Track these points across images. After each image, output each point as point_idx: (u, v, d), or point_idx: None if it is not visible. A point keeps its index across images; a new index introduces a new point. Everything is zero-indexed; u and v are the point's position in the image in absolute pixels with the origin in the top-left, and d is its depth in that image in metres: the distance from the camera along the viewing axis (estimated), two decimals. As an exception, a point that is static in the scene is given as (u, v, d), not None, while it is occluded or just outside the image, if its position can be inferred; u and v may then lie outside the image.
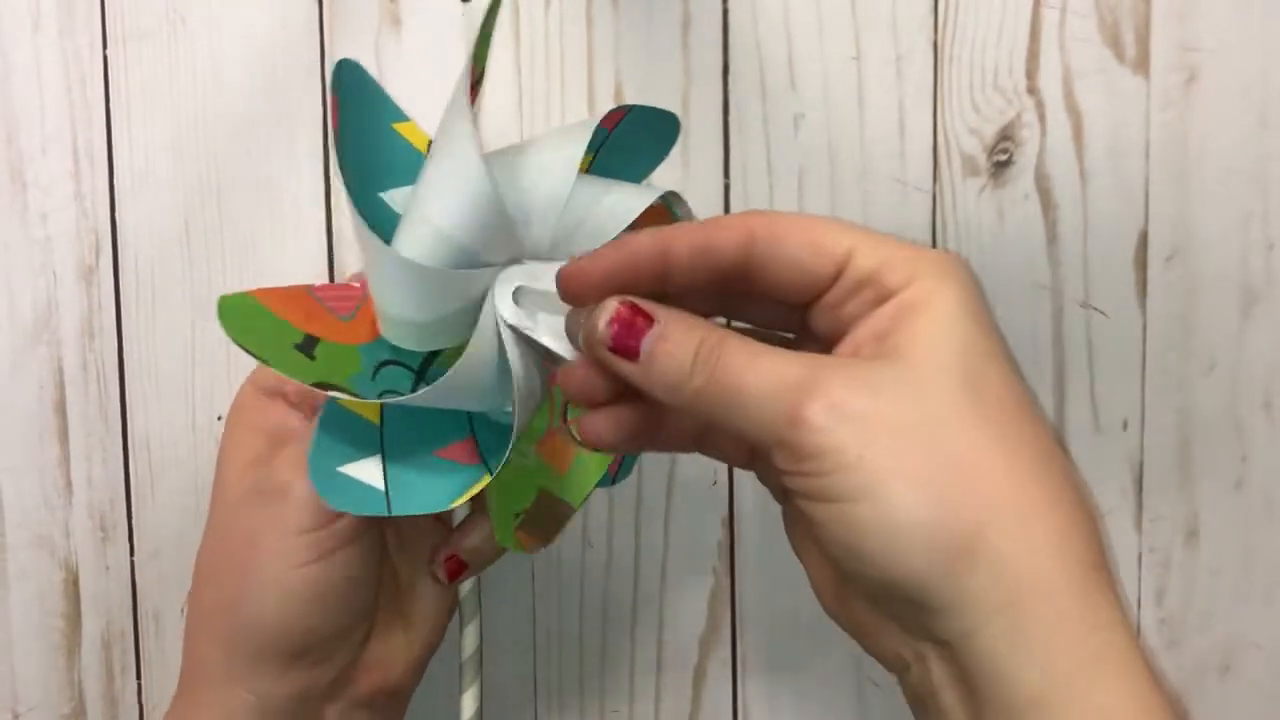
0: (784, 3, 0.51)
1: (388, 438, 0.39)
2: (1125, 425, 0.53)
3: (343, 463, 0.38)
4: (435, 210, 0.36)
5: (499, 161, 0.38)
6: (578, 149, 0.38)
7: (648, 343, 0.32)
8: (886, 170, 0.52)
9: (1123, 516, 0.53)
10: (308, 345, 0.37)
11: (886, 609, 0.32)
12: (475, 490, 0.37)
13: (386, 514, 0.37)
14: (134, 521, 0.54)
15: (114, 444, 0.53)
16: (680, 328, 0.32)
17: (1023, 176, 0.52)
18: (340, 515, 0.40)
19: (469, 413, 0.40)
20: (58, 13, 0.52)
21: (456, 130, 0.36)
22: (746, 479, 0.47)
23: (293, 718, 0.41)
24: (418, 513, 0.37)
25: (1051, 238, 0.52)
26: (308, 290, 0.39)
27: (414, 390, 0.38)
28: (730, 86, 0.52)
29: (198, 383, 0.53)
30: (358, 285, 0.39)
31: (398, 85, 0.51)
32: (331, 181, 0.52)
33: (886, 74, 0.51)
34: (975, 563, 0.29)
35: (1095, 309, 0.53)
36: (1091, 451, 0.53)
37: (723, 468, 0.53)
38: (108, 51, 0.52)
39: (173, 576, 0.54)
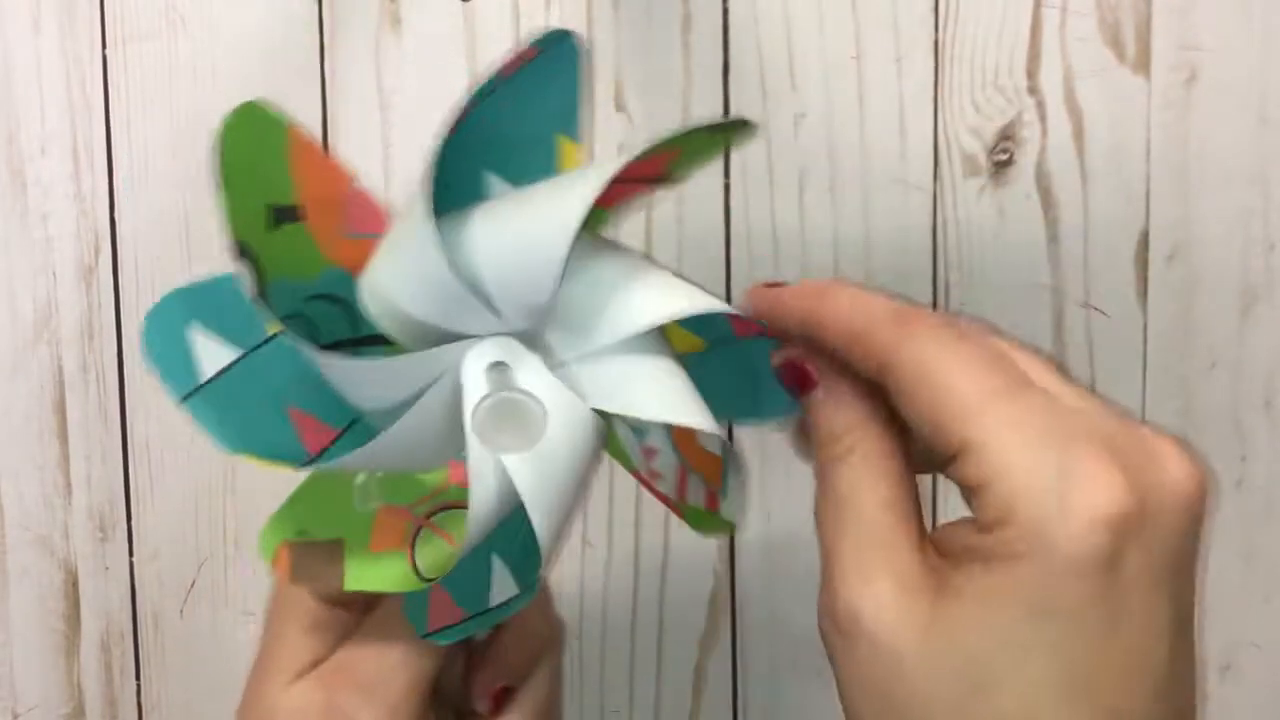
0: (784, 2, 0.51)
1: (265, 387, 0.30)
2: (1125, 425, 0.53)
3: (191, 322, 0.30)
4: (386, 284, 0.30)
5: (482, 224, 0.31)
6: (573, 216, 0.29)
7: (808, 400, 0.31)
8: (887, 170, 0.52)
9: (1123, 516, 0.53)
10: (286, 215, 0.29)
11: None
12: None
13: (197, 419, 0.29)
14: (134, 522, 0.54)
15: (114, 444, 0.53)
16: (829, 411, 0.31)
17: (1023, 176, 0.52)
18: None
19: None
20: (58, 14, 0.52)
21: (413, 207, 0.29)
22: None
23: None
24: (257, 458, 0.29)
25: (1052, 237, 0.52)
26: (350, 178, 0.31)
27: (318, 335, 0.31)
28: (730, 86, 0.52)
29: (198, 383, 0.53)
30: (386, 219, 0.32)
31: (398, 85, 0.52)
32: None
33: (887, 74, 0.51)
34: None
35: (1096, 309, 0.53)
36: (1092, 451, 0.53)
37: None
38: (107, 52, 0.52)
39: (172, 577, 0.54)
